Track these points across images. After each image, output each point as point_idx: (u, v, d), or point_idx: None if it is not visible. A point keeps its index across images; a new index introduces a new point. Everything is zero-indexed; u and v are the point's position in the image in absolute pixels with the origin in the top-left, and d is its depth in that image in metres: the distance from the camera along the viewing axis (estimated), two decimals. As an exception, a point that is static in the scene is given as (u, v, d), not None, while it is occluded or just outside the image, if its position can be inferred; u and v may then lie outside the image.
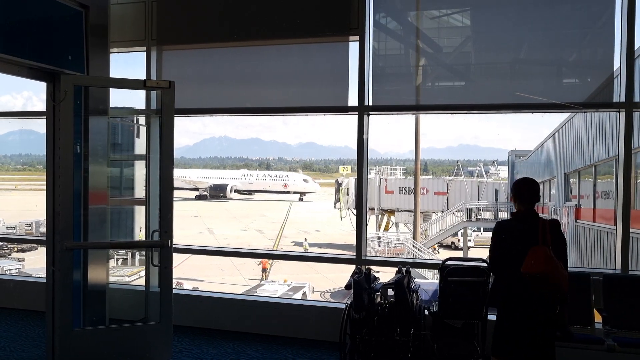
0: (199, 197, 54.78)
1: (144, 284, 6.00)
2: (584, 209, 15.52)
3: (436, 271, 5.18)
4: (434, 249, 30.18)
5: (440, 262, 5.14)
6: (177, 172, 54.76)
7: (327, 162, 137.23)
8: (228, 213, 44.62)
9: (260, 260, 25.27)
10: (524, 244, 3.57)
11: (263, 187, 55.58)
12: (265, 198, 54.61)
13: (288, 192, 54.09)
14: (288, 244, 32.33)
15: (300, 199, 54.45)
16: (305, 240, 30.97)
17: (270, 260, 25.71)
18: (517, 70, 5.63)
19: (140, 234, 6.45)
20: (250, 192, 56.66)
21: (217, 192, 54.91)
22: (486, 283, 4.67)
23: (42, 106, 5.17)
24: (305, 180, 56.12)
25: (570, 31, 5.51)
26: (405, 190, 30.96)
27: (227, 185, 54.94)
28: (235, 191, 55.72)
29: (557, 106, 5.32)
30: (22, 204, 35.58)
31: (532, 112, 5.55)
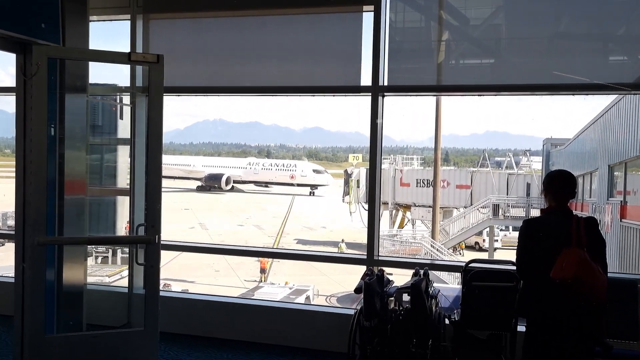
0: (201, 188, 54.95)
1: (126, 285, 6.02)
2: (631, 206, 15.44)
3: (458, 275, 5.16)
4: (461, 248, 30.16)
5: (463, 264, 5.11)
6: (179, 160, 55.42)
7: (335, 149, 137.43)
8: (223, 206, 44.80)
9: (258, 259, 25.34)
10: (556, 246, 3.56)
11: (269, 178, 55.39)
12: (278, 191, 54.55)
13: (293, 185, 53.80)
14: (290, 242, 32.43)
15: (312, 193, 54.04)
16: (343, 241, 30.15)
17: (270, 260, 25.77)
18: (556, 46, 5.54)
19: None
20: (265, 184, 56.50)
21: (212, 183, 55.00)
22: (516, 289, 4.63)
23: (10, 81, 5.15)
24: (316, 171, 55.41)
25: (618, 0, 5.43)
26: (423, 182, 30.98)
27: (222, 175, 54.92)
28: (236, 182, 55.65)
29: (601, 87, 5.24)
30: (-12, 194, 35.81)
31: (573, 94, 5.50)
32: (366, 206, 6.19)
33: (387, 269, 5.32)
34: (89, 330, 5.21)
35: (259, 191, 56.19)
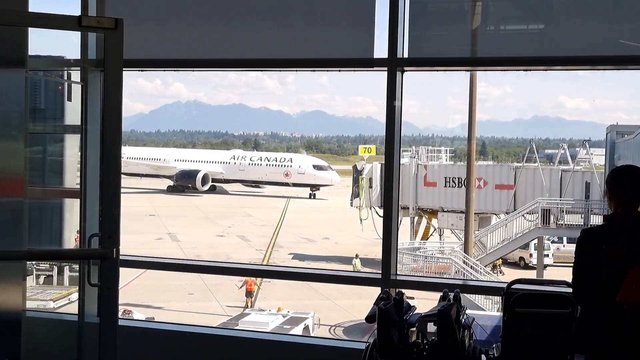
0: (173, 189, 54.92)
1: (76, 312, 6.03)
2: None
3: (498, 299, 5.17)
4: (499, 265, 30.14)
5: (504, 285, 5.12)
6: (144, 153, 55.52)
7: (341, 139, 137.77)
8: (199, 212, 44.87)
9: (243, 279, 25.38)
10: (623, 261, 3.57)
11: (257, 175, 55.13)
12: (269, 193, 54.53)
13: (288, 184, 53.70)
14: (284, 257, 32.47)
15: (312, 195, 53.92)
16: (357, 256, 30.32)
17: (258, 280, 25.80)
18: (623, 8, 5.56)
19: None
20: (255, 183, 56.41)
21: (185, 182, 54.88)
22: (571, 317, 4.64)
23: None
24: (317, 167, 54.98)
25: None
26: (453, 181, 30.95)
27: (197, 172, 54.76)
28: (215, 181, 55.62)
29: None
30: None
31: (644, 69, 5.51)
32: (381, 212, 6.20)
33: (407, 292, 5.34)
34: (29, 368, 5.22)
35: (246, 192, 56.15)
